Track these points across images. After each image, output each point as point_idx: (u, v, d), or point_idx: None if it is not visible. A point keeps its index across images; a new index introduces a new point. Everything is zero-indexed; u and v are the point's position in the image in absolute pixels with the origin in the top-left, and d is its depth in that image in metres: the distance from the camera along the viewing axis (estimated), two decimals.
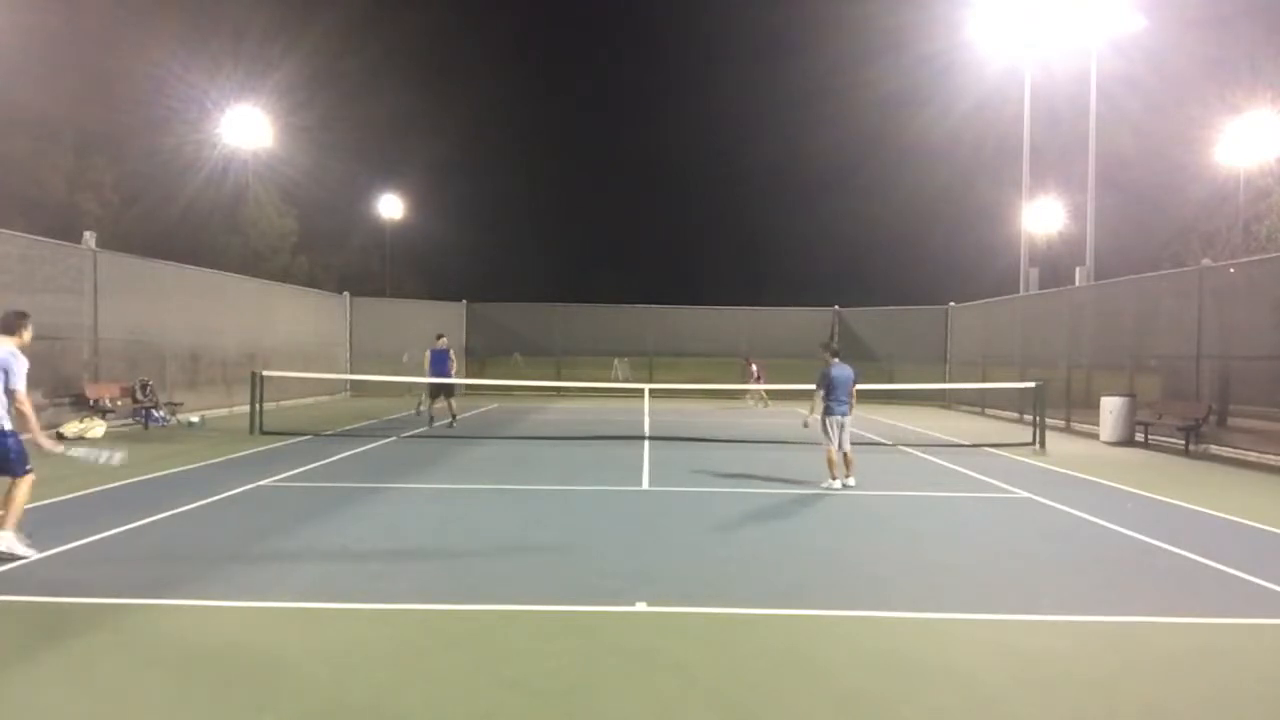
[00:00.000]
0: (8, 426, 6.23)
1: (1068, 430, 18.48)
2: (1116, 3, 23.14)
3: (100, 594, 5.54)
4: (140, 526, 7.51)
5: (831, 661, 4.61)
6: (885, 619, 5.34)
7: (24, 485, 6.25)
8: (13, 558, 6.16)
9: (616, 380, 31.05)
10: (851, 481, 10.19)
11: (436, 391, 16.95)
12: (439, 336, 17.18)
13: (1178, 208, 41.53)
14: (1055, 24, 24.52)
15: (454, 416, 16.98)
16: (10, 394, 6.17)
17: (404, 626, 5.07)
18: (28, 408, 6.26)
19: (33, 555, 6.26)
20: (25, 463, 6.28)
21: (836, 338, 30.00)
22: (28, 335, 6.43)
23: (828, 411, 10.20)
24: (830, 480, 10.14)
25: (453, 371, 17.36)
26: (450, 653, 4.66)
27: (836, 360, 10.37)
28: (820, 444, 10.51)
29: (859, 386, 10.53)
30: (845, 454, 10.26)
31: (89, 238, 16.03)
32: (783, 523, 8.35)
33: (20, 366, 6.22)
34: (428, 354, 16.87)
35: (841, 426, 10.17)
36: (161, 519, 7.85)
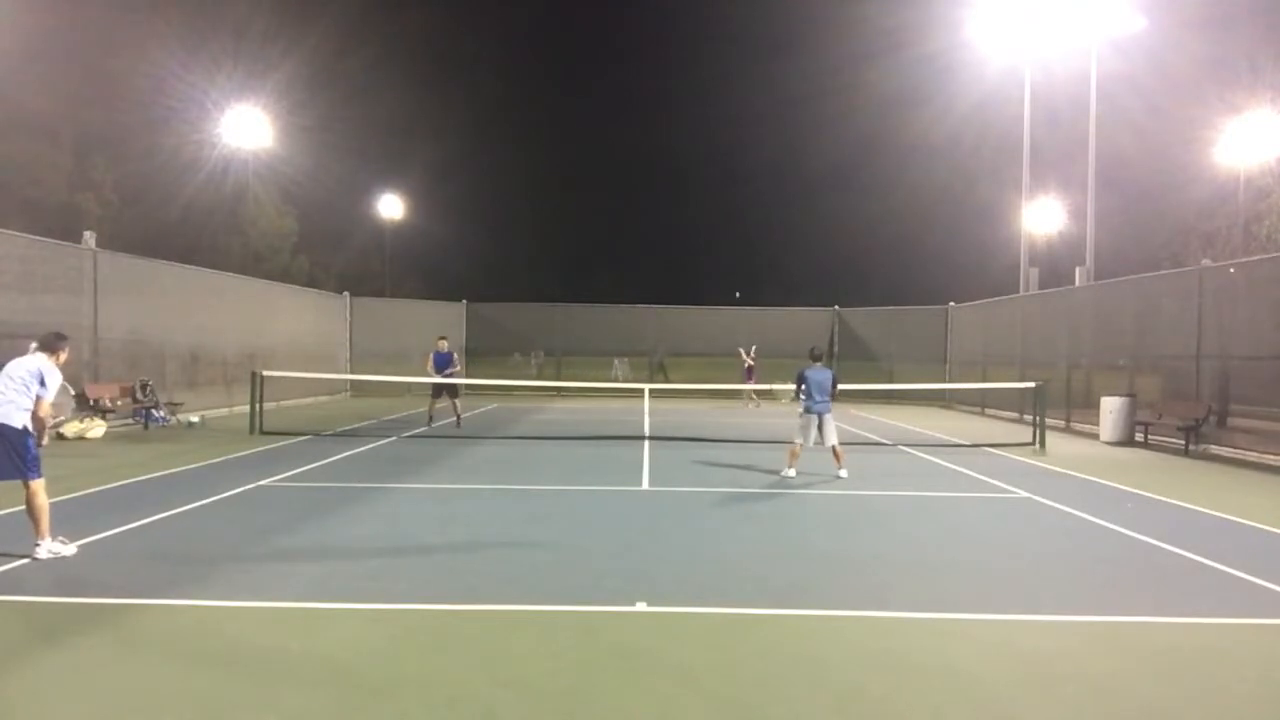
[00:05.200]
0: (32, 427, 6.41)
1: (1068, 430, 18.48)
2: (1116, 3, 23.14)
3: (100, 594, 5.54)
4: (140, 526, 7.51)
5: (831, 661, 4.61)
6: (885, 619, 5.34)
7: (39, 492, 6.34)
8: (32, 559, 6.26)
9: (616, 380, 31.05)
10: (843, 473, 10.83)
11: (439, 391, 16.99)
12: (441, 338, 17.26)
13: (1178, 208, 41.57)
14: (1055, 24, 24.50)
15: (459, 416, 17.00)
16: (37, 401, 6.40)
17: (404, 626, 5.06)
18: (44, 413, 6.47)
19: (73, 551, 6.46)
20: (38, 466, 6.40)
21: (836, 341, 30.07)
22: (63, 357, 6.73)
23: (805, 409, 11.02)
24: (786, 470, 11.02)
25: (457, 372, 17.52)
26: (450, 653, 4.66)
27: (817, 364, 11.27)
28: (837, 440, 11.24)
29: (850, 386, 11.10)
30: (833, 448, 11.01)
31: (89, 238, 16.04)
32: (783, 523, 8.35)
33: (53, 380, 6.49)
34: (431, 356, 17.00)
35: (820, 421, 10.95)
36: (161, 519, 7.85)
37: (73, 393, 14.73)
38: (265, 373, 15.93)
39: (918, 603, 5.67)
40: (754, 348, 25.34)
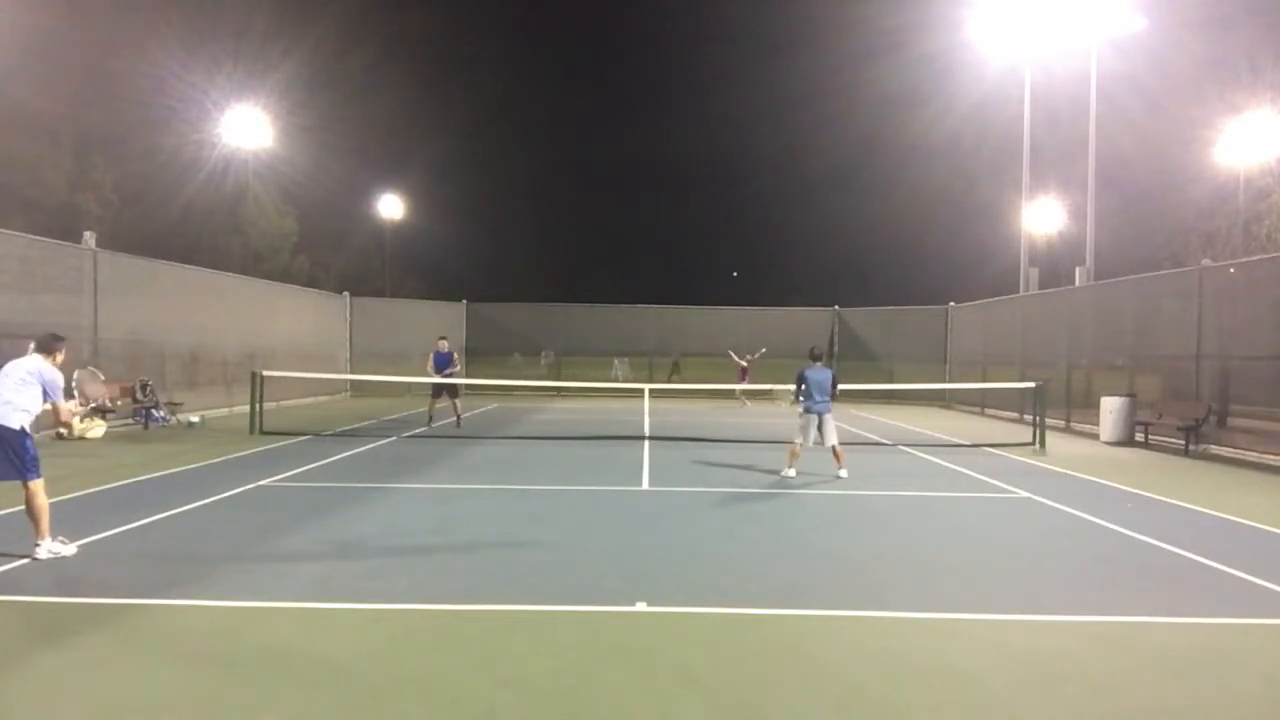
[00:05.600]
0: (29, 428, 6.42)
1: (1068, 430, 18.47)
2: (1116, 3, 23.14)
3: (100, 594, 5.54)
4: (140, 526, 7.51)
5: (831, 661, 4.61)
6: (885, 619, 5.34)
7: (39, 492, 6.36)
8: (32, 559, 6.26)
9: (616, 380, 31.06)
10: (844, 473, 10.88)
11: (439, 391, 17.00)
12: (441, 339, 17.29)
13: (1178, 208, 41.58)
14: (1055, 24, 24.50)
15: (459, 416, 17.00)
16: (54, 407, 6.54)
17: (404, 626, 5.06)
18: (66, 416, 6.74)
19: (73, 551, 6.47)
20: (37, 467, 6.41)
21: (836, 341, 30.08)
22: (60, 358, 6.78)
23: (805, 410, 11.07)
24: (786, 470, 11.06)
25: (457, 372, 17.57)
26: (450, 653, 4.66)
27: (817, 364, 11.32)
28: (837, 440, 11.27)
29: (850, 386, 11.10)
30: (833, 448, 11.04)
31: (89, 238, 16.05)
32: (783, 523, 8.35)
33: (56, 382, 6.56)
34: (431, 356, 17.03)
35: (820, 421, 10.98)
36: (161, 519, 7.85)
37: (102, 378, 14.83)
38: (265, 373, 15.93)
39: (917, 603, 5.67)
40: (762, 350, 25.37)
